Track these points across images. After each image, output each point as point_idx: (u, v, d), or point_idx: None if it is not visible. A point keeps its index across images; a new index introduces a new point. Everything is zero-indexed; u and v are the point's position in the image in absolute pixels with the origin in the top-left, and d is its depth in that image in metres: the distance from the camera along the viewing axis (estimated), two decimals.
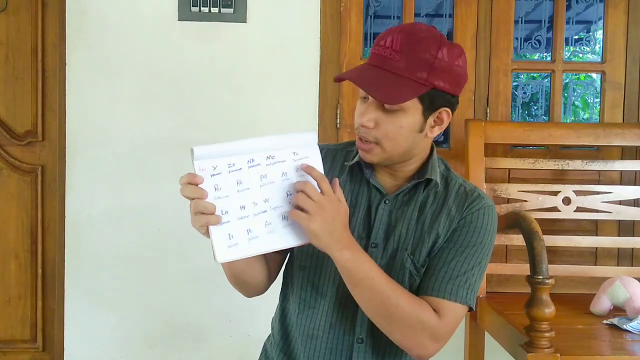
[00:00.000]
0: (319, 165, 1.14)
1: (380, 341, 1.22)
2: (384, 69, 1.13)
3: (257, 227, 1.09)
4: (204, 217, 1.05)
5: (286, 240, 1.12)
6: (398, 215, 1.23)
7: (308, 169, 1.10)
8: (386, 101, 1.13)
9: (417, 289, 1.21)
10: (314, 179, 1.10)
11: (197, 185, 1.05)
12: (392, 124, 1.15)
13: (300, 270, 1.27)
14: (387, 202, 1.24)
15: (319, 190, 1.09)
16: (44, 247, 2.43)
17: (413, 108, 1.15)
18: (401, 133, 1.16)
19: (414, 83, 1.12)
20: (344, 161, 1.29)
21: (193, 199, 1.05)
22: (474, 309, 1.21)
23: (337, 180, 1.13)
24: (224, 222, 1.06)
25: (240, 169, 1.08)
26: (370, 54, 1.18)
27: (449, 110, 1.19)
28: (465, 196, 1.23)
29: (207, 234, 1.07)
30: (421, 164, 1.25)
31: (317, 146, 1.15)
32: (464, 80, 1.19)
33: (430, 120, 1.18)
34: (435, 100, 1.15)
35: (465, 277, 1.18)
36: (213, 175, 1.06)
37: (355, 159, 1.26)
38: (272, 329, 1.38)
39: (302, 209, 1.08)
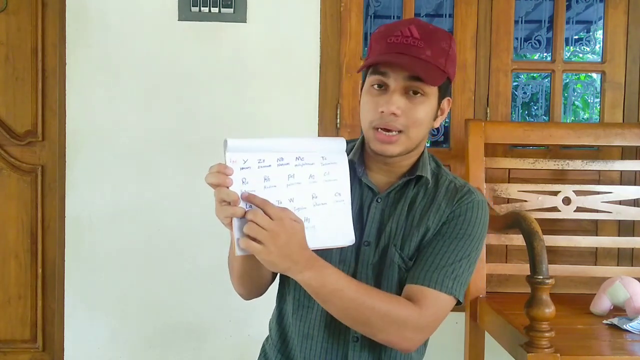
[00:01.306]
0: (345, 172, 1.15)
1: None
2: (412, 56, 1.14)
3: None
4: (230, 208, 1.04)
5: (308, 242, 1.11)
6: (390, 212, 1.24)
7: (249, 198, 1.05)
8: (432, 82, 1.14)
9: (405, 279, 1.21)
10: (258, 207, 1.05)
11: (226, 175, 1.05)
12: (419, 111, 1.16)
13: None
14: (379, 200, 1.25)
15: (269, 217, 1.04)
16: (44, 247, 2.43)
17: (433, 95, 1.18)
18: (426, 119, 1.18)
19: (439, 70, 1.15)
20: None
21: (217, 185, 1.05)
22: (462, 301, 1.21)
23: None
24: None
25: (270, 165, 1.09)
26: (388, 44, 1.16)
27: (449, 99, 1.23)
28: (455, 191, 1.24)
29: (229, 225, 1.06)
30: (414, 161, 1.25)
31: (345, 153, 1.16)
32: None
33: (437, 109, 1.21)
34: (446, 88, 1.20)
35: (452, 267, 1.18)
36: (243, 168, 1.07)
37: (349, 157, 1.26)
38: (270, 330, 1.38)
39: (254, 240, 1.04)
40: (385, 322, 1.13)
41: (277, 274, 1.29)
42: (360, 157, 1.26)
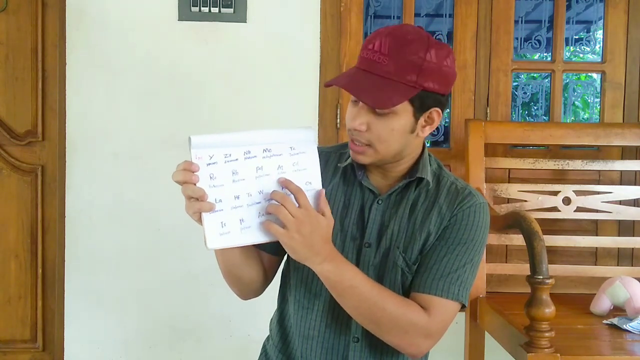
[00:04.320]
0: (315, 161, 1.15)
1: (376, 340, 1.22)
2: (373, 73, 1.13)
3: (250, 217, 1.10)
4: (197, 203, 1.06)
5: None
6: (391, 214, 1.24)
7: (285, 182, 1.10)
8: (377, 106, 1.13)
9: (409, 286, 1.22)
10: (292, 193, 1.09)
11: (192, 172, 1.06)
12: (384, 127, 1.16)
13: (295, 271, 1.27)
14: (379, 202, 1.25)
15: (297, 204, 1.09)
16: (44, 247, 2.43)
17: (404, 110, 1.15)
18: (393, 135, 1.17)
19: (403, 86, 1.12)
20: (337, 163, 1.29)
21: (184, 183, 1.07)
22: (466, 305, 1.22)
23: (322, 192, 1.13)
24: (217, 210, 1.08)
25: (237, 159, 1.10)
26: (359, 58, 1.18)
27: (439, 110, 1.20)
28: (456, 194, 1.24)
29: (200, 221, 1.08)
30: (413, 163, 1.25)
31: (314, 142, 1.16)
32: (452, 79, 1.19)
33: (421, 120, 1.19)
34: (425, 101, 1.16)
35: (457, 274, 1.19)
36: (209, 164, 1.08)
37: (348, 160, 1.27)
38: (270, 330, 1.38)
39: (280, 223, 1.08)
40: (394, 325, 1.15)
41: (268, 276, 1.29)
42: None
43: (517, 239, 2.15)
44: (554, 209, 2.26)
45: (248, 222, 1.10)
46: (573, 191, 2.26)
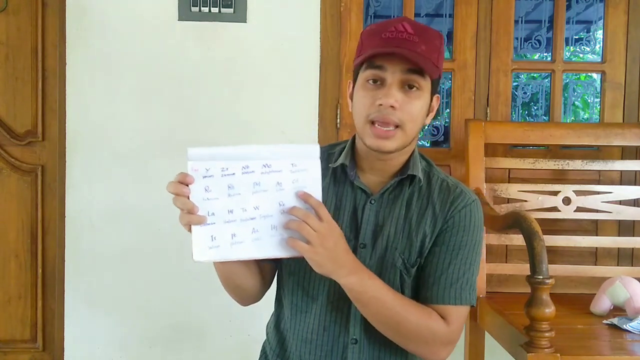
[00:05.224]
0: (317, 179, 1.12)
1: (375, 341, 1.23)
2: (409, 50, 1.13)
3: (243, 233, 1.09)
4: (187, 216, 1.08)
5: (271, 250, 1.11)
6: (385, 214, 1.24)
7: (305, 196, 1.09)
8: (431, 75, 1.15)
9: (421, 299, 1.22)
10: (312, 207, 1.09)
11: (187, 184, 1.07)
12: (414, 105, 1.16)
13: (290, 276, 1.27)
14: (372, 202, 1.24)
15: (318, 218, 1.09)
16: (44, 247, 2.43)
17: (427, 90, 1.18)
18: (421, 114, 1.18)
19: (433, 65, 1.15)
20: (327, 164, 1.28)
21: (176, 194, 1.08)
22: (475, 305, 1.24)
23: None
24: (209, 223, 1.08)
25: (234, 174, 1.09)
26: (382, 39, 1.15)
27: (438, 96, 1.24)
28: (448, 192, 1.24)
29: (190, 231, 1.09)
30: (405, 160, 1.25)
31: (319, 159, 1.12)
32: None
33: (429, 105, 1.22)
34: (437, 85, 1.21)
35: (465, 278, 1.20)
36: (205, 177, 1.08)
37: (339, 161, 1.26)
38: (267, 334, 1.38)
39: (305, 240, 1.07)
40: (416, 335, 1.17)
41: (267, 282, 1.29)
42: (351, 160, 1.26)
43: (517, 239, 2.15)
44: (554, 209, 2.26)
45: (240, 237, 1.09)
46: (573, 191, 2.26)
